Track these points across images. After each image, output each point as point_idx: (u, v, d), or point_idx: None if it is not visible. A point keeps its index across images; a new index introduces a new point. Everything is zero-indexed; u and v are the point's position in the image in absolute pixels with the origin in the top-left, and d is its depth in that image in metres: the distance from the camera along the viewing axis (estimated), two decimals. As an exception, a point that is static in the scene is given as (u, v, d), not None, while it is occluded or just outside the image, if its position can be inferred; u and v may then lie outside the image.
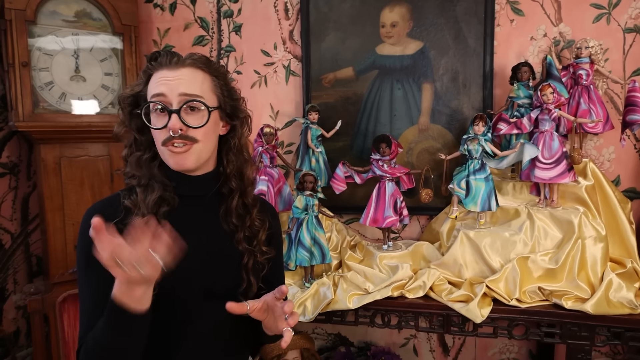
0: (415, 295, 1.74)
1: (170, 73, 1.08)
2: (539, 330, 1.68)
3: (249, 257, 1.17)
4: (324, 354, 2.49)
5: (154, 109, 1.08)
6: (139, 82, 1.13)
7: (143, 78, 1.12)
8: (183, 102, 1.06)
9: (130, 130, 1.14)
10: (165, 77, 1.07)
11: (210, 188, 1.18)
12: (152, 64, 1.10)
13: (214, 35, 2.41)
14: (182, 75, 1.08)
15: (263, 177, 1.94)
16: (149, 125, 1.08)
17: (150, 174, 1.11)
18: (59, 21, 2.05)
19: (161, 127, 1.07)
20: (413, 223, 2.26)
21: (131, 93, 1.12)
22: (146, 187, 1.10)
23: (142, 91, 1.11)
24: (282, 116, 2.37)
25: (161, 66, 1.09)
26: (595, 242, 1.66)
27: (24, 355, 2.39)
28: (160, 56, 1.10)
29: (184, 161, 1.09)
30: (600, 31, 1.98)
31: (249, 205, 1.22)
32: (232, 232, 1.18)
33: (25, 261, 2.42)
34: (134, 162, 1.12)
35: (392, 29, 2.15)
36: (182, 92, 1.07)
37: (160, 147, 1.09)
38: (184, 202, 1.13)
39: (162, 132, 1.07)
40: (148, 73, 1.11)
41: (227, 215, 1.18)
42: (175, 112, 1.05)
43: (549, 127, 1.74)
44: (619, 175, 2.05)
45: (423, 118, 2.16)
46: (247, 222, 1.20)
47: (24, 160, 2.38)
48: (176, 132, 1.05)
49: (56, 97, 2.05)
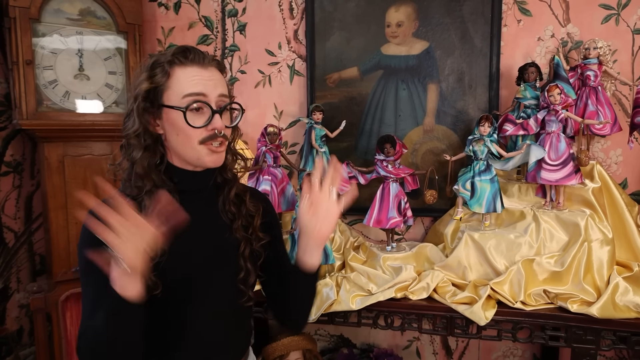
0: (418, 297, 1.73)
1: (204, 72, 1.09)
2: (543, 334, 1.66)
3: (246, 245, 1.20)
4: (326, 356, 2.48)
5: (194, 107, 1.07)
6: (159, 75, 1.08)
7: (167, 70, 1.08)
8: (224, 104, 1.12)
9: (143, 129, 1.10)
10: (200, 76, 1.08)
11: (209, 181, 1.20)
12: (178, 58, 1.08)
13: (218, 34, 2.40)
14: (214, 75, 1.11)
15: (266, 176, 1.93)
16: (189, 123, 1.07)
17: (156, 178, 1.11)
18: (63, 19, 2.04)
19: (201, 125, 1.08)
20: (417, 225, 2.25)
21: (152, 86, 1.08)
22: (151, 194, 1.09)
23: (161, 85, 1.08)
24: (286, 116, 2.36)
25: (192, 63, 1.08)
26: (602, 245, 1.64)
27: (27, 353, 2.39)
28: (190, 52, 1.09)
29: (221, 159, 1.16)
30: (609, 32, 1.96)
31: (240, 193, 1.25)
32: (230, 221, 1.21)
33: (29, 260, 2.42)
34: (146, 165, 1.10)
35: (397, 29, 2.13)
36: (220, 93, 1.11)
37: (197, 145, 1.09)
38: (185, 198, 1.14)
39: (200, 130, 1.09)
40: (172, 66, 1.08)
41: (225, 205, 1.22)
42: (218, 113, 1.10)
43: (555, 128, 1.72)
44: (627, 178, 2.03)
45: (428, 119, 2.14)
46: (243, 210, 1.23)
47: (28, 159, 2.38)
48: (221, 132, 1.09)
49: (60, 95, 2.05)
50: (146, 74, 1.09)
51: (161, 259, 1.04)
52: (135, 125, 1.09)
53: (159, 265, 1.04)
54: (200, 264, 1.15)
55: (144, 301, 0.97)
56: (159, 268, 1.04)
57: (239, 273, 1.19)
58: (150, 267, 1.01)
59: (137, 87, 1.10)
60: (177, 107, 1.07)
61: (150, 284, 1.03)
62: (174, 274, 1.09)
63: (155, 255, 0.99)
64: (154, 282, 1.04)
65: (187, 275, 1.12)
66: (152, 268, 1.02)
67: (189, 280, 1.13)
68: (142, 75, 1.10)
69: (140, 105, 1.08)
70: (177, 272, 1.10)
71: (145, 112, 1.09)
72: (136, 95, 1.09)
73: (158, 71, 1.08)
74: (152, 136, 1.12)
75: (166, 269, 1.06)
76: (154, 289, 1.04)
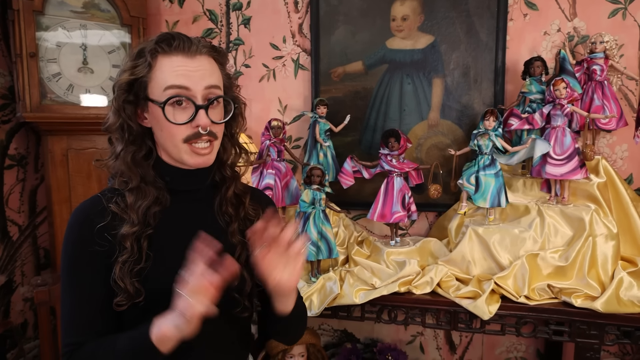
0: (422, 292, 1.72)
1: (189, 62, 0.99)
2: (547, 328, 1.66)
3: (242, 250, 1.10)
4: (329, 350, 2.48)
5: (174, 101, 0.98)
6: (141, 65, 0.99)
7: (149, 60, 0.98)
8: (210, 97, 1.00)
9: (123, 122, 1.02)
10: (185, 67, 0.98)
11: (204, 180, 1.11)
12: (161, 46, 0.98)
13: (222, 28, 2.40)
14: (202, 65, 1.00)
15: (270, 170, 1.93)
16: (169, 120, 0.97)
17: (144, 173, 1.04)
18: (67, 12, 2.04)
19: (184, 122, 0.98)
20: (421, 219, 2.24)
21: (132, 78, 0.99)
22: (137, 190, 1.03)
23: (144, 76, 0.99)
24: (290, 110, 2.35)
25: (176, 52, 0.98)
26: (607, 240, 1.63)
27: (31, 346, 2.40)
28: (174, 40, 0.99)
29: (208, 161, 1.05)
30: (615, 26, 1.95)
31: (240, 194, 1.16)
32: (226, 224, 1.12)
33: (33, 253, 2.42)
34: (130, 160, 1.02)
35: (402, 23, 2.12)
36: (207, 85, 1.00)
37: (180, 144, 1.00)
38: (179, 198, 1.08)
39: (183, 128, 0.99)
40: (154, 56, 0.99)
41: (222, 206, 1.12)
42: (203, 108, 0.99)
43: (561, 122, 1.71)
44: (632, 174, 2.02)
45: (433, 113, 2.13)
46: (242, 212, 1.14)
47: (32, 153, 2.38)
48: (206, 129, 0.99)
49: (64, 88, 2.05)
50: (130, 64, 1.01)
51: (146, 265, 0.99)
52: (113, 118, 1.02)
53: (143, 271, 0.98)
54: None
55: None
56: (142, 274, 0.98)
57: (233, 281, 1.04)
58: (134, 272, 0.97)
59: (118, 78, 1.02)
60: (155, 102, 0.98)
61: (133, 291, 0.97)
62: (158, 282, 0.99)
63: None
64: (137, 290, 0.98)
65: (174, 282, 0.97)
66: (135, 274, 0.97)
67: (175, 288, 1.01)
68: (126, 65, 1.02)
69: (120, 98, 1.00)
70: (162, 279, 0.99)
71: (128, 104, 1.01)
72: (116, 87, 1.01)
73: (141, 62, 0.99)
74: (135, 130, 1.03)
75: (151, 276, 1.00)
76: (136, 296, 0.98)
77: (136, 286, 0.97)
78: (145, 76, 0.99)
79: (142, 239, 1.01)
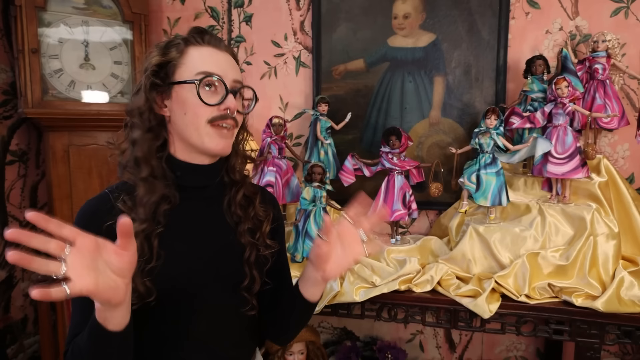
0: (422, 290, 1.72)
1: (220, 55, 1.05)
2: (547, 327, 1.65)
3: (252, 251, 1.11)
4: (329, 348, 2.48)
5: (207, 84, 1.02)
6: (173, 50, 1.03)
7: (182, 47, 1.03)
8: (238, 87, 1.07)
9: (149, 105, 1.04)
10: (217, 58, 1.04)
11: (214, 178, 1.12)
12: (195, 37, 1.04)
13: (224, 25, 2.39)
14: (229, 60, 1.07)
15: (271, 167, 1.93)
16: (201, 98, 1.00)
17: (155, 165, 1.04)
18: (69, 8, 2.04)
19: (214, 103, 1.02)
20: (422, 218, 2.24)
21: (163, 60, 1.03)
22: (146, 182, 1.02)
23: (174, 60, 1.03)
24: (291, 108, 2.35)
25: (207, 45, 1.04)
26: (608, 239, 1.63)
27: (31, 342, 2.41)
28: (206, 34, 1.05)
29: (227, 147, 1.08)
30: (618, 25, 1.94)
31: (250, 195, 1.17)
32: (235, 224, 1.13)
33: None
34: (146, 149, 1.03)
35: (404, 21, 2.12)
36: (235, 79, 1.06)
37: (203, 126, 1.02)
38: (187, 195, 1.08)
39: (211, 109, 1.02)
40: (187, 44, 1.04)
41: (231, 206, 1.13)
42: (232, 93, 1.04)
43: (562, 121, 1.71)
44: (633, 173, 2.02)
45: (434, 112, 2.13)
46: (251, 213, 1.15)
47: (33, 149, 2.38)
48: (234, 112, 1.04)
49: (65, 84, 2.05)
50: (159, 50, 1.04)
51: (157, 263, 0.98)
52: (142, 100, 1.03)
53: (154, 270, 0.98)
54: (200, 269, 1.06)
55: (128, 327, 0.88)
56: (153, 273, 0.98)
57: (243, 280, 1.09)
58: (145, 271, 0.96)
59: (148, 60, 1.04)
60: (189, 81, 1.01)
61: (143, 291, 0.96)
62: (170, 280, 1.00)
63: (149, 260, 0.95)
64: (148, 289, 0.97)
65: (185, 281, 1.03)
66: (146, 273, 0.96)
67: (187, 287, 1.04)
68: (154, 52, 1.05)
69: (149, 80, 1.02)
70: (173, 277, 1.01)
71: (153, 88, 1.03)
72: (146, 68, 1.04)
73: (173, 49, 1.04)
74: (156, 117, 1.05)
75: (161, 274, 0.99)
76: (147, 296, 0.97)
77: (147, 285, 0.97)
78: (176, 60, 1.03)
79: (153, 238, 1.00)
